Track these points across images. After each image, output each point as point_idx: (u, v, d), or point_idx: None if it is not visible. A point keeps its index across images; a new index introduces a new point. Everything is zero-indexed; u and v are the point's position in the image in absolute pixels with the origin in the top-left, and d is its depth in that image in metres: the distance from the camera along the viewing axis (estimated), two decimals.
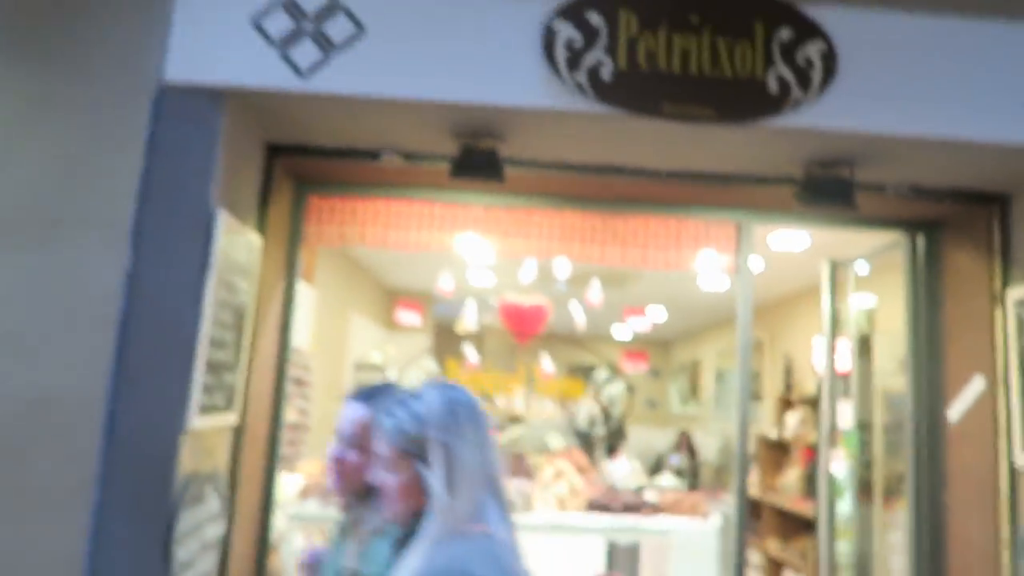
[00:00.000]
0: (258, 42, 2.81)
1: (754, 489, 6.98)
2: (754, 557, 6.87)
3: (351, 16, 2.84)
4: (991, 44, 2.96)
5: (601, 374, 3.84)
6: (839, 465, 4.59)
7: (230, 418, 3.01)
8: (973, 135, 2.93)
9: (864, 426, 4.75)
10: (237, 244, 2.94)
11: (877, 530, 4.71)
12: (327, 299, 6.30)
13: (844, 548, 4.69)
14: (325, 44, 2.81)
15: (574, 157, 3.33)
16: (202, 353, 2.67)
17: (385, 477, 1.80)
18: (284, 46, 2.80)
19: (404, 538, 1.76)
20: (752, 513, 6.98)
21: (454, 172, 3.09)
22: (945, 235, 3.89)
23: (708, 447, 9.97)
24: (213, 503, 2.81)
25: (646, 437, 12.36)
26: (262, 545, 3.47)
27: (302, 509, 3.54)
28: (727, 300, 8.92)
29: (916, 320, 3.92)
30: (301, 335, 5.37)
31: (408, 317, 4.09)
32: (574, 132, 3.06)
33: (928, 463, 3.81)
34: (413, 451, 1.76)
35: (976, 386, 3.56)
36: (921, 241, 3.94)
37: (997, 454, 3.40)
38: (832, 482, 4.65)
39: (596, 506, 3.70)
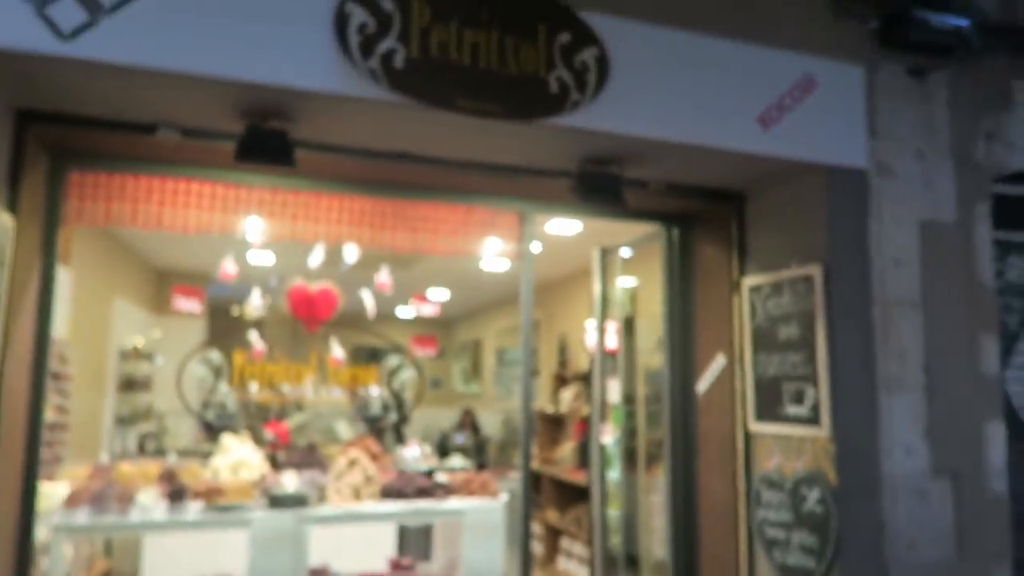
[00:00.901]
0: None
1: (533, 462, 7.42)
2: (535, 527, 7.33)
3: None
4: (731, 61, 3.40)
5: (393, 360, 3.89)
6: (608, 437, 5.04)
7: None
8: (714, 142, 3.35)
9: (629, 400, 5.25)
10: None
11: (641, 494, 5.24)
12: (85, 281, 5.72)
13: (615, 513, 5.17)
14: (92, 5, 2.57)
15: (367, 143, 3.33)
16: None
17: None
18: (41, 3, 2.52)
19: None
20: (532, 485, 7.43)
21: (239, 155, 2.97)
22: (695, 229, 4.40)
23: (491, 424, 10.41)
24: None
25: (432, 416, 12.62)
26: (22, 562, 3.12)
27: (69, 519, 3.22)
28: (508, 280, 9.29)
29: (671, 304, 4.41)
30: (57, 322, 4.83)
31: (185, 303, 3.85)
32: (367, 119, 3.07)
33: (682, 430, 4.31)
34: None
35: (719, 363, 4.09)
36: (676, 233, 4.42)
37: (735, 420, 3.94)
38: (603, 452, 5.10)
39: (390, 493, 3.76)
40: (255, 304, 4.06)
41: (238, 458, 3.81)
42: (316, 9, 2.80)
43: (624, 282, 5.42)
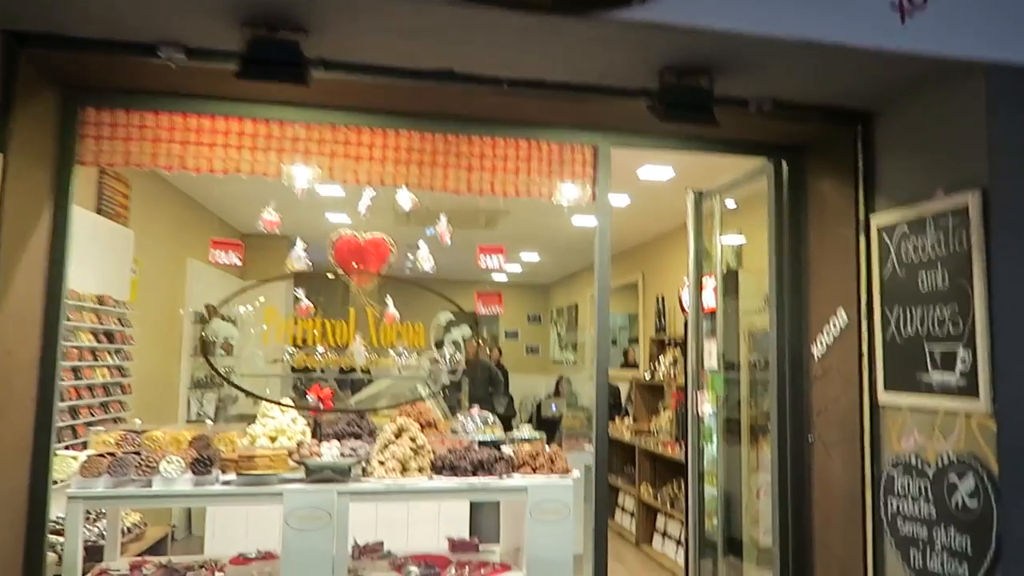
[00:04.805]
0: None
1: (626, 434, 6.83)
2: (628, 503, 6.76)
3: None
4: None
5: (442, 316, 3.39)
6: (705, 406, 4.38)
7: None
8: (838, 38, 2.60)
9: (730, 366, 4.57)
10: None
11: (745, 472, 4.56)
12: (154, 242, 5.55)
13: (713, 492, 4.54)
14: None
15: (398, 59, 2.81)
16: None
17: None
18: None
19: None
20: (627, 459, 6.85)
21: (242, 72, 2.53)
22: (809, 160, 3.65)
23: (586, 394, 9.87)
24: None
25: (529, 384, 12.20)
26: (33, 532, 2.86)
27: (85, 488, 2.94)
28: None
29: (780, 252, 3.69)
30: (114, 281, 4.66)
31: (224, 257, 3.49)
32: (393, 23, 2.53)
33: (791, 401, 3.62)
34: None
35: (840, 320, 3.36)
36: (785, 167, 3.69)
37: (860, 390, 3.21)
38: (699, 424, 4.45)
39: (442, 466, 3.30)
40: (297, 256, 3.65)
41: (277, 425, 3.44)
42: None
43: (725, 233, 4.71)
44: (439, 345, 3.55)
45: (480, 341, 13.03)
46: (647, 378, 7.19)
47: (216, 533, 4.75)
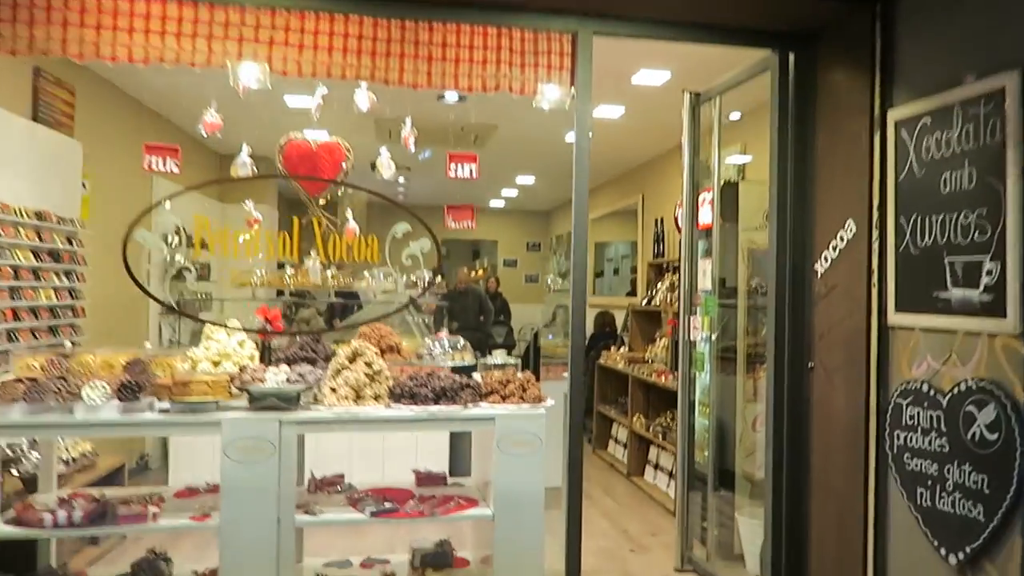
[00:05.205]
0: None
1: (622, 363, 6.53)
2: (622, 434, 6.51)
3: None
4: None
5: (400, 227, 3.02)
6: (699, 332, 4.04)
7: None
8: None
9: (727, 292, 4.21)
10: None
11: (740, 402, 4.26)
12: (109, 156, 5.15)
13: (706, 423, 4.24)
14: None
15: None
16: None
17: None
18: None
19: None
20: (620, 389, 6.57)
21: None
22: (821, 50, 3.20)
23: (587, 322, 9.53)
24: None
25: (528, 313, 11.92)
26: None
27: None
28: (603, 159, 8.19)
29: (783, 157, 3.28)
30: (58, 197, 4.28)
31: (159, 164, 3.11)
32: None
33: (791, 323, 3.27)
34: None
35: (847, 231, 2.97)
36: (791, 59, 3.25)
37: (867, 310, 2.85)
38: (691, 351, 4.12)
39: (401, 394, 2.98)
40: (242, 162, 3.27)
41: (221, 348, 3.13)
42: None
43: (726, 147, 4.28)
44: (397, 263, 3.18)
45: (481, 270, 12.72)
46: (643, 304, 6.84)
47: (181, 464, 4.52)
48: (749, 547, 3.85)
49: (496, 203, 12.60)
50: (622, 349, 7.00)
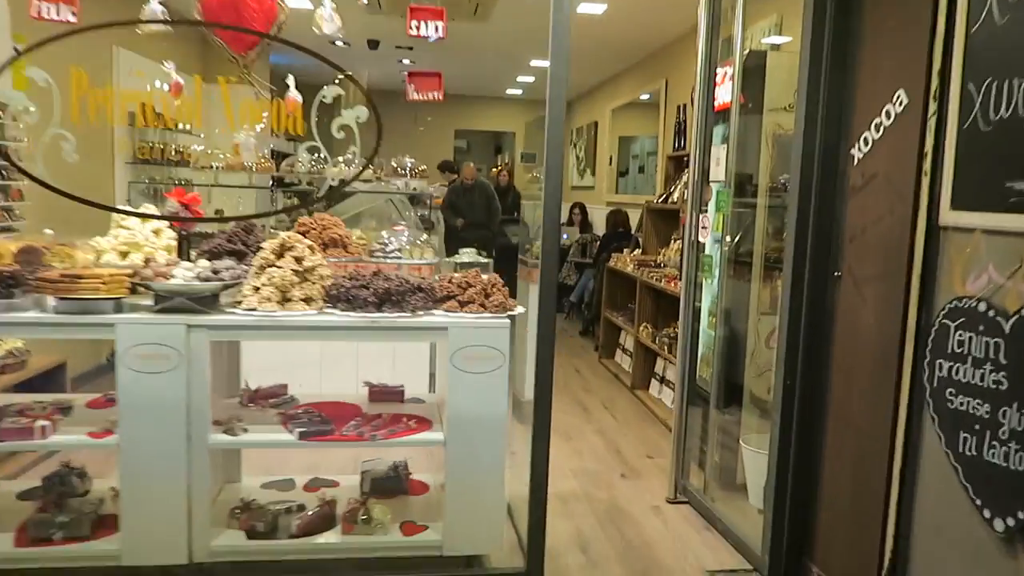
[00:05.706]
0: None
1: (628, 267, 5.98)
2: (629, 342, 6.04)
3: None
4: None
5: (330, 91, 2.44)
6: (707, 232, 3.46)
7: None
8: None
9: (745, 189, 3.59)
10: None
11: (754, 314, 3.71)
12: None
13: (713, 335, 3.72)
14: None
15: None
16: None
17: None
18: None
19: None
20: (629, 294, 6.05)
21: None
22: None
23: (598, 221, 8.93)
24: None
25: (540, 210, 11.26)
26: None
27: None
28: (620, 41, 7.33)
29: (820, 5, 2.60)
30: None
31: (54, 11, 2.54)
32: None
33: (815, 220, 2.68)
34: None
35: (897, 104, 2.34)
36: None
37: (915, 206, 2.25)
38: (697, 252, 3.55)
39: (336, 297, 2.49)
40: (152, 11, 2.68)
41: (130, 238, 2.65)
42: None
43: (756, 25, 3.55)
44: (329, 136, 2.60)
45: (500, 165, 12.00)
46: (659, 202, 6.22)
47: None
48: (753, 476, 3.41)
49: (513, 91, 11.77)
50: (636, 251, 6.43)
